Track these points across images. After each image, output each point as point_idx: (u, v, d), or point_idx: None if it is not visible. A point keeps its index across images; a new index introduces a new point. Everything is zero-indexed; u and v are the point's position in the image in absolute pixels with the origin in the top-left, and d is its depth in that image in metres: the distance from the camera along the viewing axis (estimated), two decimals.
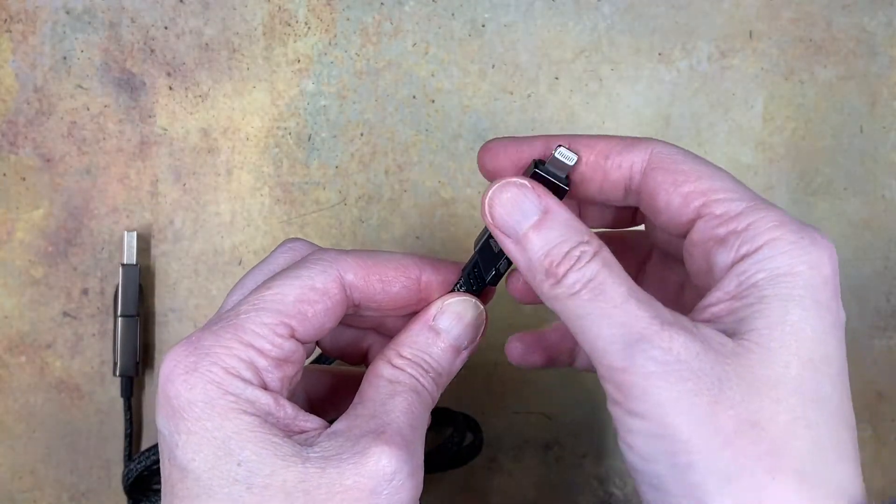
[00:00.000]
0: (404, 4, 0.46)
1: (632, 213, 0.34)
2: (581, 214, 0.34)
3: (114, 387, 0.45)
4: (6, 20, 0.44)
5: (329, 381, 0.35)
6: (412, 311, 0.32)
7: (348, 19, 0.46)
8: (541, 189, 0.29)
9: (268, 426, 0.27)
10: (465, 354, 0.31)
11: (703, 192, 0.28)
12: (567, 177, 0.30)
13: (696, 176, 0.28)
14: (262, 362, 0.28)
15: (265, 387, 0.28)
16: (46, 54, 0.44)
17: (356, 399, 0.30)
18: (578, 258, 0.27)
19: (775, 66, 0.47)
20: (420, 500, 0.28)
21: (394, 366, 0.30)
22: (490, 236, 0.31)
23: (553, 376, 0.47)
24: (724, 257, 0.27)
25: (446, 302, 0.31)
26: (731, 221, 0.27)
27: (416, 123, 0.46)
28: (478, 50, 0.46)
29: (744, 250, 0.27)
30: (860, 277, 0.47)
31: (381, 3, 0.46)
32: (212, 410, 0.27)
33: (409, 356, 0.30)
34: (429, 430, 0.30)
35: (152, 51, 0.45)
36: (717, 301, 0.27)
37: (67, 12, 0.45)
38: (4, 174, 0.45)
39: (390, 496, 0.26)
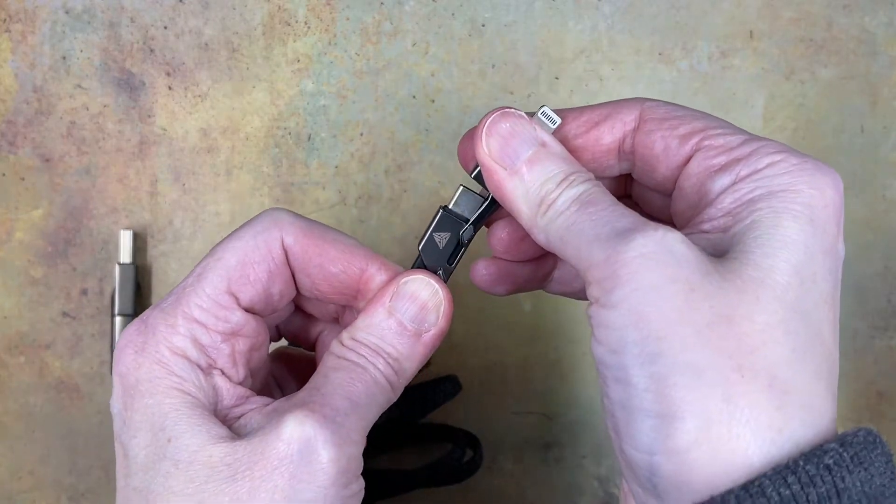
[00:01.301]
0: (404, 4, 0.46)
1: (622, 188, 0.33)
2: None
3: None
4: (5, 20, 0.44)
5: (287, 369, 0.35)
6: (345, 302, 0.31)
7: (348, 19, 0.45)
8: (537, 122, 0.28)
9: (205, 407, 0.27)
10: (427, 339, 0.30)
11: (699, 129, 0.27)
12: (477, 216, 0.30)
13: (690, 118, 0.28)
14: (206, 338, 0.28)
15: (213, 364, 0.28)
16: (46, 54, 0.44)
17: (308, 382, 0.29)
18: (572, 181, 0.27)
19: (776, 66, 0.47)
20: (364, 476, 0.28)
21: (343, 345, 0.29)
22: (433, 230, 0.30)
23: (553, 376, 0.47)
24: (722, 181, 0.26)
25: (402, 280, 0.30)
26: (732, 150, 0.26)
27: (416, 123, 0.46)
28: (478, 50, 0.46)
29: (744, 172, 0.26)
30: (861, 277, 0.47)
31: (381, 3, 0.46)
32: (155, 388, 0.27)
33: (360, 339, 0.29)
34: (429, 445, 0.30)
35: (152, 50, 0.45)
36: (710, 218, 0.26)
37: (67, 12, 0.44)
38: (4, 174, 0.45)
39: (306, 462, 0.26)
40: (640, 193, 0.32)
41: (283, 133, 0.46)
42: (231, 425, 0.28)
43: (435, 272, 0.31)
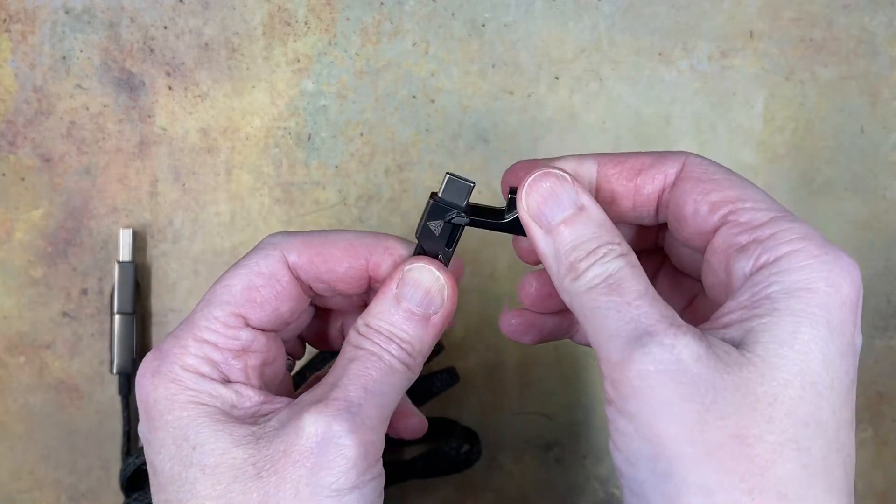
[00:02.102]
0: (404, 4, 0.46)
1: (654, 235, 0.33)
2: None
3: (113, 386, 0.45)
4: (5, 20, 0.44)
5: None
6: (366, 289, 0.32)
7: (348, 19, 0.45)
8: (579, 185, 0.29)
9: (226, 415, 0.28)
10: (436, 320, 0.31)
11: (730, 200, 0.28)
12: (467, 203, 0.30)
13: (726, 185, 0.28)
14: (217, 356, 0.29)
15: (227, 379, 0.29)
16: (46, 54, 0.44)
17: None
18: (604, 255, 0.27)
19: (776, 66, 0.47)
20: (387, 477, 0.29)
21: (359, 333, 0.30)
22: (427, 219, 0.31)
23: (553, 377, 0.47)
24: (742, 266, 0.27)
25: (405, 268, 0.31)
26: (754, 230, 0.27)
27: (416, 123, 0.46)
28: (478, 50, 0.46)
29: (763, 260, 0.26)
30: (861, 278, 0.47)
31: (381, 3, 0.45)
32: (172, 404, 0.28)
33: (373, 325, 0.30)
34: (428, 438, 0.30)
35: (152, 50, 0.45)
36: (729, 311, 0.26)
37: (67, 12, 0.44)
38: (4, 174, 0.45)
39: (328, 453, 0.27)
40: (672, 245, 0.33)
41: (283, 133, 0.46)
42: (253, 427, 0.28)
43: (436, 256, 0.31)
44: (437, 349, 0.40)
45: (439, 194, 0.31)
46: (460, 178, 0.31)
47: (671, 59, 0.46)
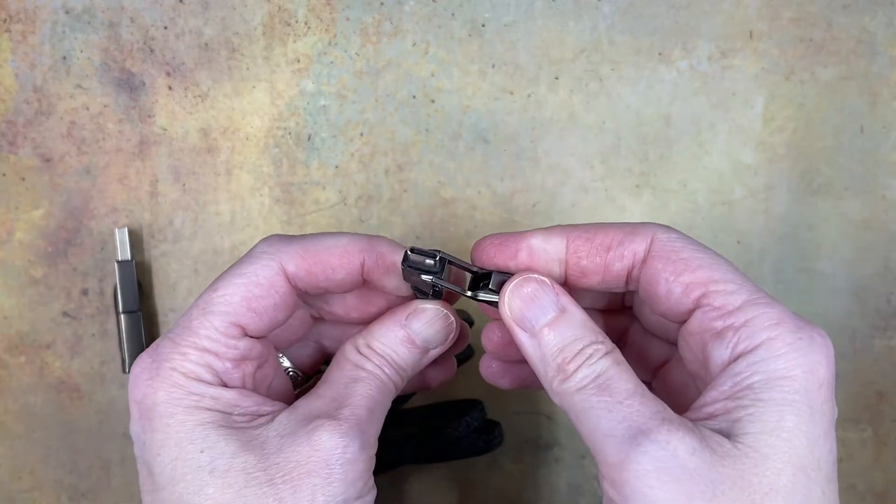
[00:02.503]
0: (404, 4, 0.46)
1: (620, 298, 0.34)
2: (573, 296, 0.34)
3: (114, 386, 0.45)
4: (6, 20, 0.44)
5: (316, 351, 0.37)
6: (358, 288, 0.33)
7: (348, 19, 0.46)
8: (559, 288, 0.30)
9: (230, 418, 0.29)
10: (433, 353, 0.33)
11: (703, 282, 0.28)
12: (437, 260, 0.31)
13: (696, 265, 0.29)
14: (219, 365, 0.30)
15: (225, 385, 0.30)
16: (46, 54, 0.44)
17: (323, 376, 0.31)
18: (591, 355, 0.28)
19: (776, 66, 0.47)
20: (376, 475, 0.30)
21: (360, 352, 0.32)
22: (405, 276, 0.32)
23: None
24: (720, 353, 0.28)
25: (420, 306, 0.32)
26: (729, 316, 0.28)
27: (416, 123, 0.46)
28: (478, 50, 0.46)
29: (740, 348, 0.27)
30: (860, 278, 0.47)
31: (381, 3, 0.46)
32: (174, 408, 0.28)
33: (377, 349, 0.32)
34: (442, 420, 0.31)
35: (152, 51, 0.45)
36: (713, 401, 0.27)
37: (67, 12, 0.44)
38: (4, 174, 0.45)
39: (342, 467, 0.28)
40: (641, 309, 0.33)
41: (283, 133, 0.46)
42: (255, 431, 0.29)
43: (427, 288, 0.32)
44: (469, 353, 0.41)
45: (411, 256, 0.31)
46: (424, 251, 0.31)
47: (671, 60, 0.46)
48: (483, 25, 0.46)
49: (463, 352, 0.36)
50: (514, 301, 0.30)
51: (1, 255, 0.45)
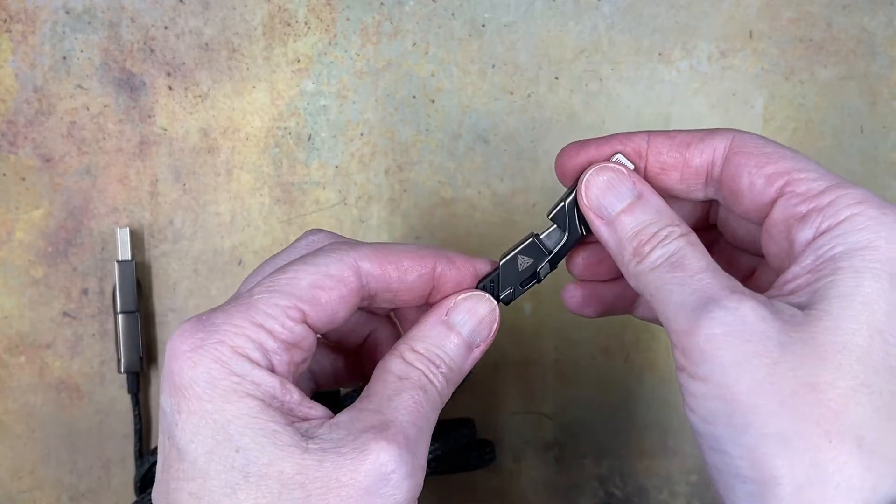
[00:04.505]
0: (404, 4, 0.46)
1: (705, 215, 0.34)
2: None
3: (114, 386, 0.45)
4: (6, 20, 0.44)
5: (334, 358, 0.35)
6: (425, 302, 0.32)
7: (348, 19, 0.46)
8: (636, 175, 0.30)
9: (270, 412, 0.27)
10: (477, 353, 0.32)
11: (785, 171, 0.28)
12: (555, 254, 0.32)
13: (778, 157, 0.29)
14: (271, 344, 0.27)
15: (272, 369, 0.28)
16: (46, 54, 0.44)
17: (363, 392, 0.29)
18: (665, 237, 0.29)
19: (775, 66, 0.47)
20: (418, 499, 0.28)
21: (405, 360, 0.30)
22: (520, 252, 0.32)
23: (553, 376, 0.47)
24: (804, 234, 0.27)
25: (459, 297, 0.31)
26: (813, 199, 0.28)
27: (416, 123, 0.46)
28: (478, 50, 0.46)
29: (825, 226, 0.27)
30: None
31: (381, 3, 0.46)
32: (213, 391, 0.26)
33: (421, 350, 0.30)
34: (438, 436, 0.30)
35: (152, 51, 0.45)
36: (794, 277, 0.27)
37: (67, 12, 0.45)
38: (4, 174, 0.45)
39: (386, 496, 0.26)
40: (726, 221, 0.33)
41: (283, 133, 0.46)
42: (295, 435, 0.27)
43: (493, 290, 0.32)
44: (468, 376, 0.40)
45: (541, 235, 0.32)
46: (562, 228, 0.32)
47: (671, 60, 0.46)
48: (483, 25, 0.46)
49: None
50: (592, 189, 0.30)
51: (1, 255, 0.45)
